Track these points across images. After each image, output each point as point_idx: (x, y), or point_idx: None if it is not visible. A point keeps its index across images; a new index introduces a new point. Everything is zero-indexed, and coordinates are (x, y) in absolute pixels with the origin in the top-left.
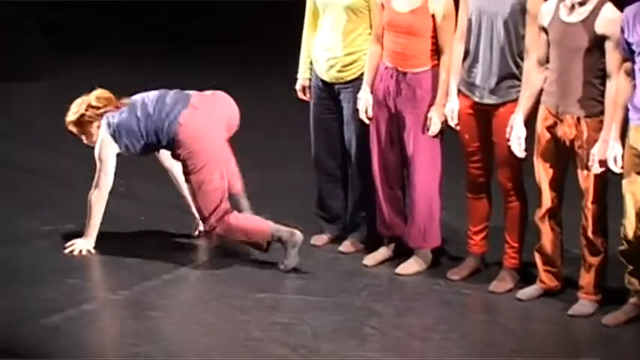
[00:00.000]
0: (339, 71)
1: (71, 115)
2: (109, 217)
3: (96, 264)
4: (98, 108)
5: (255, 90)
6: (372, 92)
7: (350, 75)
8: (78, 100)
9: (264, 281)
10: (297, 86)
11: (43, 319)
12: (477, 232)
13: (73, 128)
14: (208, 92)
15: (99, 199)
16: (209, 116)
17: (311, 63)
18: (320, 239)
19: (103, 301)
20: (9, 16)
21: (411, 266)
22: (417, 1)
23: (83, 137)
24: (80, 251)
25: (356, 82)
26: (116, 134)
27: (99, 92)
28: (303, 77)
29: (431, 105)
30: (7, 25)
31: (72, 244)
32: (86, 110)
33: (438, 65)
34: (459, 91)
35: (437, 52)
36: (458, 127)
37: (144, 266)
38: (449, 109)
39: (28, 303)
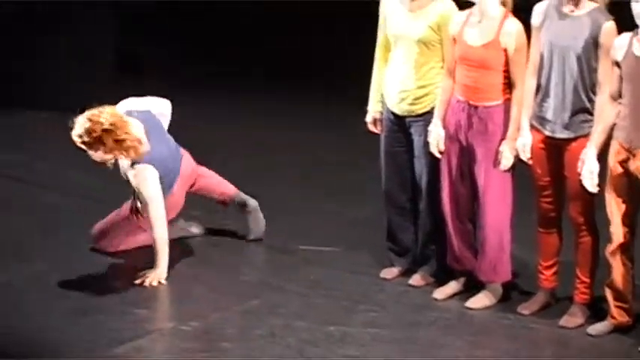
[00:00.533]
0: (411, 104)
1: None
2: (179, 248)
3: (165, 294)
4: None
5: (327, 122)
6: (443, 126)
7: (421, 108)
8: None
9: (334, 314)
10: (368, 119)
11: (112, 349)
12: (547, 266)
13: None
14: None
15: (165, 231)
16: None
17: (382, 96)
18: (390, 272)
19: (172, 332)
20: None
21: (481, 300)
22: (490, 34)
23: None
24: (151, 282)
25: (427, 116)
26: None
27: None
28: (374, 110)
29: (502, 139)
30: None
31: (143, 275)
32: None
33: (509, 99)
34: (531, 126)
35: (509, 85)
36: (530, 162)
37: (214, 297)
38: (521, 143)
39: (97, 333)
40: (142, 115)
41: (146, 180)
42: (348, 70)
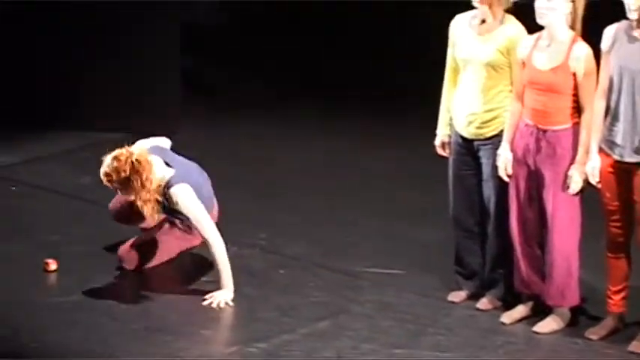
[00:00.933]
0: (479, 127)
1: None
2: (246, 270)
3: (231, 316)
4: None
5: (394, 144)
6: (511, 149)
7: (489, 132)
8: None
9: (400, 337)
10: (437, 142)
11: None
12: (616, 291)
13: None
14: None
15: (223, 247)
16: None
17: (450, 119)
18: (457, 296)
19: (238, 354)
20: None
21: (549, 324)
22: (558, 59)
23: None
24: (219, 303)
25: (495, 139)
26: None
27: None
28: (442, 133)
29: (571, 163)
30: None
31: (211, 297)
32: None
33: (578, 123)
34: (600, 149)
35: (577, 109)
36: (599, 186)
37: (281, 319)
38: (590, 167)
39: (165, 353)
40: (155, 150)
41: (186, 198)
42: (415, 92)
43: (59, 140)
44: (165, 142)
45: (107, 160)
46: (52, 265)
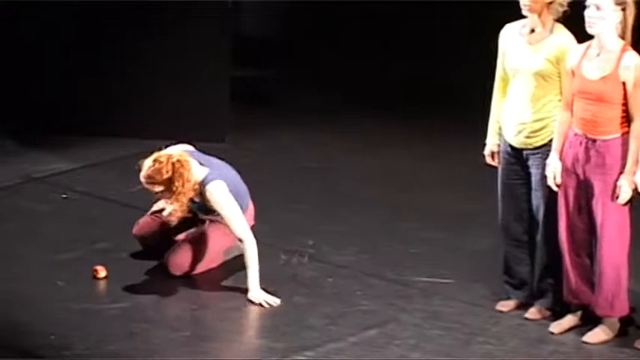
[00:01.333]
0: (528, 137)
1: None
2: (295, 279)
3: (281, 324)
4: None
5: (444, 153)
6: (560, 159)
7: (539, 141)
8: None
9: (449, 346)
10: (486, 151)
11: None
12: None
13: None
14: None
15: (255, 250)
16: None
17: (500, 128)
18: (506, 305)
19: None
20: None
21: (598, 335)
22: (608, 68)
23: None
24: (266, 302)
25: (544, 148)
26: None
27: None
28: (491, 142)
29: (620, 173)
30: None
31: (257, 300)
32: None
33: (627, 132)
34: None
35: (627, 119)
36: None
37: (329, 327)
38: (639, 177)
39: None
40: (188, 152)
41: (220, 195)
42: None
43: (110, 147)
44: (190, 148)
45: (148, 163)
46: (102, 272)
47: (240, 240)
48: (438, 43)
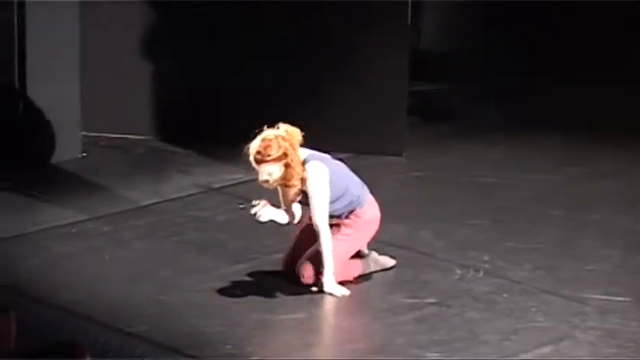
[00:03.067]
0: None
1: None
2: (470, 294)
3: (454, 339)
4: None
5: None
6: None
7: None
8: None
9: None
10: None
11: None
12: None
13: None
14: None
15: (330, 242)
16: None
17: None
18: None
19: None
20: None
21: None
22: None
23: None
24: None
25: None
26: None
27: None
28: None
29: None
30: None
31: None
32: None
33: None
34: None
35: None
36: None
37: (503, 343)
38: None
39: None
40: None
41: (318, 177)
42: None
43: None
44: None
45: (257, 143)
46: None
47: (316, 229)
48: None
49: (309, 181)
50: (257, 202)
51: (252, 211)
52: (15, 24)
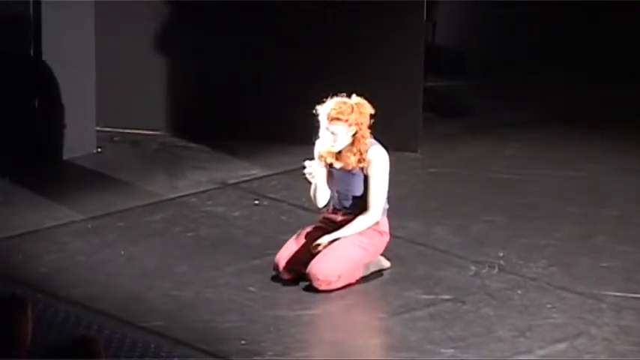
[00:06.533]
0: None
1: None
2: (484, 290)
3: (469, 335)
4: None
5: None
6: None
7: None
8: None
9: None
10: None
11: None
12: None
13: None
14: None
15: (370, 225)
16: None
17: None
18: None
19: None
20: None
21: None
22: None
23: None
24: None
25: None
26: None
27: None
28: None
29: None
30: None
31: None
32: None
33: None
34: None
35: None
36: None
37: (518, 339)
38: None
39: None
40: None
41: (383, 161)
42: None
43: (303, 155)
44: None
45: (332, 104)
46: None
47: (369, 208)
48: None
49: (375, 162)
50: (311, 162)
51: (307, 170)
52: (31, 20)
